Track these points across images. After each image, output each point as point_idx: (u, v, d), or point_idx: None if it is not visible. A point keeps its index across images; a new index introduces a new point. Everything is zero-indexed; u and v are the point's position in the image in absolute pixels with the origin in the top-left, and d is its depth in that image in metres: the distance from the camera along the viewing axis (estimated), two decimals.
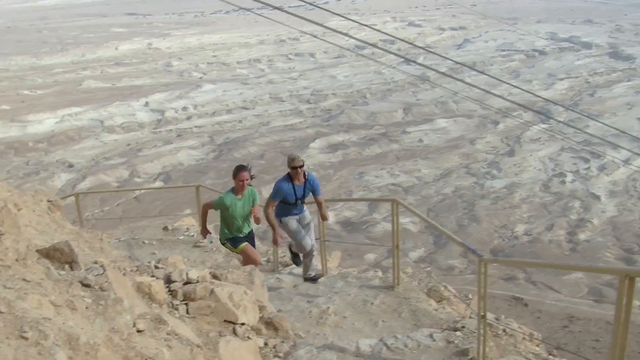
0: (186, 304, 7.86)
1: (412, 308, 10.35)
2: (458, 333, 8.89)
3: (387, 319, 10.02)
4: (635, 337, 32.49)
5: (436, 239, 45.95)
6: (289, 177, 12.17)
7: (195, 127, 78.16)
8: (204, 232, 12.27)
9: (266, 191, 62.92)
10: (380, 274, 12.91)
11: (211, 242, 12.59)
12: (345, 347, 8.45)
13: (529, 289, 39.01)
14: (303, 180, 12.23)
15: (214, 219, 12.81)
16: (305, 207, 12.78)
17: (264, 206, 12.07)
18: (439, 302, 11.12)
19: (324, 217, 12.56)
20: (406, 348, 8.54)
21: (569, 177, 58.01)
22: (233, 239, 11.75)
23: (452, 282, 35.04)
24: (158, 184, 60.19)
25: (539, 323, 33.19)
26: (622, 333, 5.45)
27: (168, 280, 8.21)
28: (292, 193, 12.15)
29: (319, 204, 12.50)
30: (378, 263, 40.34)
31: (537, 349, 9.45)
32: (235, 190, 11.33)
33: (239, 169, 11.22)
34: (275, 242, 12.42)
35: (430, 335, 8.83)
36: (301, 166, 12.04)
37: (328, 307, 10.60)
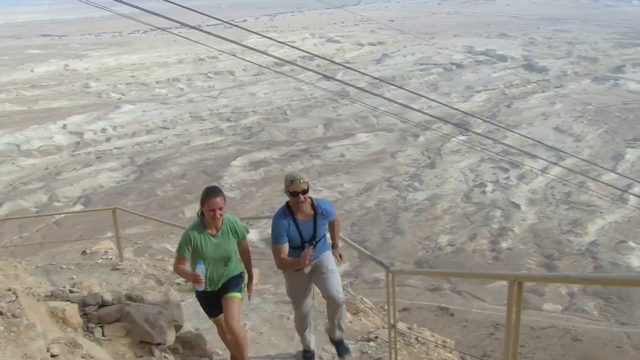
0: (102, 326, 7.88)
1: (327, 321, 10.51)
2: (372, 343, 9.23)
3: None
4: (559, 340, 33.38)
5: (363, 260, 46.13)
6: (288, 209, 8.19)
7: (115, 148, 77.20)
8: (195, 277, 7.66)
9: (186, 219, 60.76)
10: None
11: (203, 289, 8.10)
12: None
13: (454, 299, 39.46)
14: (311, 212, 8.23)
15: None
16: (327, 246, 8.70)
17: (275, 258, 8.30)
18: (354, 314, 11.38)
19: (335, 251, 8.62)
20: None
21: (490, 187, 58.90)
22: (208, 296, 8.09)
23: (378, 295, 35.30)
24: (78, 207, 59.25)
25: (465, 332, 33.75)
26: (513, 335, 5.73)
27: (83, 304, 8.20)
28: (296, 233, 8.16)
29: (333, 228, 8.76)
30: None
31: (450, 355, 9.74)
32: (205, 224, 7.73)
33: (208, 194, 7.58)
34: (303, 262, 8.02)
35: None
36: (305, 191, 7.95)
37: (245, 324, 10.57)
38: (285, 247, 8.06)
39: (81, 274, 14.04)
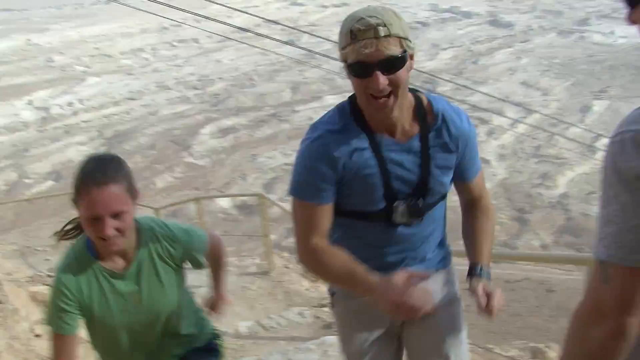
0: None
1: (285, 290, 11.32)
2: (325, 309, 9.65)
3: (263, 302, 10.90)
4: (533, 291, 33.83)
5: None
6: (354, 114, 3.46)
7: (83, 122, 76.63)
8: None
9: (159, 191, 60.86)
10: (257, 261, 13.51)
11: None
12: (226, 330, 9.04)
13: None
14: (415, 126, 3.30)
15: None
16: (446, 249, 3.81)
17: (295, 233, 3.40)
18: (313, 281, 11.73)
19: (486, 306, 3.25)
20: (279, 326, 9.38)
21: None
22: None
23: None
24: (49, 183, 58.97)
25: None
26: None
27: None
28: (375, 171, 3.22)
29: (471, 217, 3.78)
30: (278, 244, 40.68)
31: None
32: (98, 249, 3.42)
33: (86, 179, 3.17)
34: (387, 303, 2.90)
35: (301, 313, 9.63)
36: (391, 61, 3.02)
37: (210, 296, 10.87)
38: (322, 211, 3.29)
39: (56, 256, 14.15)
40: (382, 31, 2.87)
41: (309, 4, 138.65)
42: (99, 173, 3.10)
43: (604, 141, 47.34)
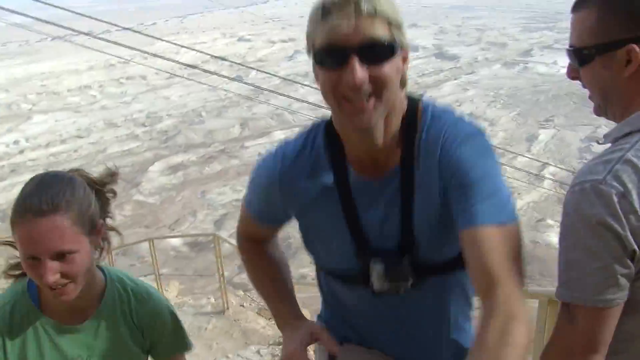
0: None
1: (241, 328, 11.12)
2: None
3: (220, 341, 10.69)
4: None
5: (285, 249, 46.08)
6: (327, 136, 2.26)
7: (30, 160, 75.56)
8: None
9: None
10: (212, 300, 13.40)
11: None
12: None
13: None
14: (398, 149, 2.15)
15: None
16: (467, 326, 2.46)
17: (237, 238, 2.87)
18: (269, 319, 11.66)
19: None
20: None
21: None
22: None
23: (304, 290, 35.40)
24: None
25: None
26: None
27: None
28: (340, 221, 2.26)
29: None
30: (230, 280, 40.30)
31: None
32: (42, 297, 2.43)
33: (17, 207, 2.20)
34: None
35: (258, 352, 9.51)
36: (371, 45, 1.88)
37: None
38: (260, 228, 2.73)
39: None
40: (366, 6, 1.89)
41: (256, 40, 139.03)
42: (36, 198, 2.20)
43: (551, 169, 48.21)
